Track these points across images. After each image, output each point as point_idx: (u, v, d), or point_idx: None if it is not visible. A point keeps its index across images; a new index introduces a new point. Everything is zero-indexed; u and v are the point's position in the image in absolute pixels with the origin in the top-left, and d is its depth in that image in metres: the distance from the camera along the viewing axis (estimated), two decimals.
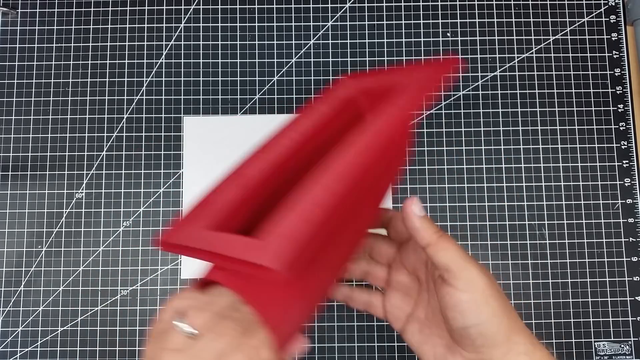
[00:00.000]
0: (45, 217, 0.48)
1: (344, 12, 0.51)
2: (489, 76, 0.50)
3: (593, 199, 0.48)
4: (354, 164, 0.26)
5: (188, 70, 0.50)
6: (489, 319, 0.28)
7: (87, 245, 0.47)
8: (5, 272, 0.47)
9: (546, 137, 0.49)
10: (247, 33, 0.50)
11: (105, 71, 0.50)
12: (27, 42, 0.50)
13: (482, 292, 0.28)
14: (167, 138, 0.49)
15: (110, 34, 0.50)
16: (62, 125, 0.49)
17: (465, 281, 0.28)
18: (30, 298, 0.47)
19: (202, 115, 0.49)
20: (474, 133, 0.49)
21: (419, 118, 0.49)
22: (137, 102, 0.49)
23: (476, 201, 0.48)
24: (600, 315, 0.46)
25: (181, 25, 0.50)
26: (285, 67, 0.50)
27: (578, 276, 0.47)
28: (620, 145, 0.49)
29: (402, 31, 0.50)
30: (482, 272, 0.29)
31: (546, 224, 0.48)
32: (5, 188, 0.48)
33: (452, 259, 0.29)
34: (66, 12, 0.51)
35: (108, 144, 0.49)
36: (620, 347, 0.46)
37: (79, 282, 0.47)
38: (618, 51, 0.50)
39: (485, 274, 0.29)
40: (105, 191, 0.48)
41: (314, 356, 0.45)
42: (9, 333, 0.46)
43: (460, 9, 0.51)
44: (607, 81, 0.50)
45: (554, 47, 0.50)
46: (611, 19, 0.51)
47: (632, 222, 0.48)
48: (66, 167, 0.48)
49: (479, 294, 0.28)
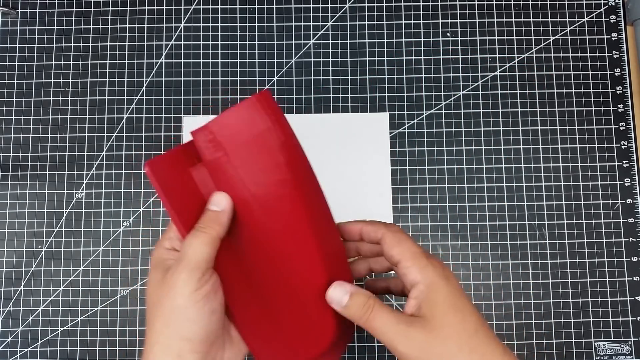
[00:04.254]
0: (45, 217, 0.48)
1: (344, 12, 0.51)
2: (489, 76, 0.50)
3: (593, 199, 0.48)
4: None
5: (188, 70, 0.50)
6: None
7: (87, 245, 0.47)
8: (5, 272, 0.47)
9: (546, 137, 0.49)
10: (247, 33, 0.50)
11: (105, 71, 0.50)
12: (27, 42, 0.50)
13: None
14: (167, 138, 0.49)
15: (110, 34, 0.50)
16: (62, 125, 0.49)
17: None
18: (30, 298, 0.47)
19: (202, 115, 0.49)
20: (474, 133, 0.49)
21: (419, 118, 0.49)
22: (137, 102, 0.49)
23: (476, 201, 0.48)
24: (600, 315, 0.46)
25: (181, 25, 0.50)
26: (285, 67, 0.50)
27: (578, 276, 0.47)
28: (620, 145, 0.49)
29: (402, 31, 0.50)
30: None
31: (546, 224, 0.48)
32: (5, 188, 0.48)
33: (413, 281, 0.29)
34: (66, 12, 0.51)
35: (108, 144, 0.49)
36: (620, 347, 0.46)
37: (79, 282, 0.47)
38: (618, 51, 0.50)
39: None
40: (105, 191, 0.48)
41: None
42: (9, 333, 0.46)
43: (460, 9, 0.51)
44: (607, 81, 0.50)
45: (554, 47, 0.50)
46: (611, 19, 0.51)
47: (632, 222, 0.48)
48: (66, 167, 0.48)
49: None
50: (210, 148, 0.28)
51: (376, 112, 0.49)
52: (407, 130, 0.49)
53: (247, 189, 0.28)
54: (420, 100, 0.49)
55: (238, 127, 0.28)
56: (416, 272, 0.29)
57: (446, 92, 0.49)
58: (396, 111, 0.49)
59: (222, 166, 0.28)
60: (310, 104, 0.49)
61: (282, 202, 0.28)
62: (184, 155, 0.29)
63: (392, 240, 0.30)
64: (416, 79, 0.50)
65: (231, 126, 0.28)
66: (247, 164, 0.28)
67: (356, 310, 0.29)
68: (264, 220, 0.29)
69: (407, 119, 0.49)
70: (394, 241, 0.30)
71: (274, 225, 0.29)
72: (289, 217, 0.28)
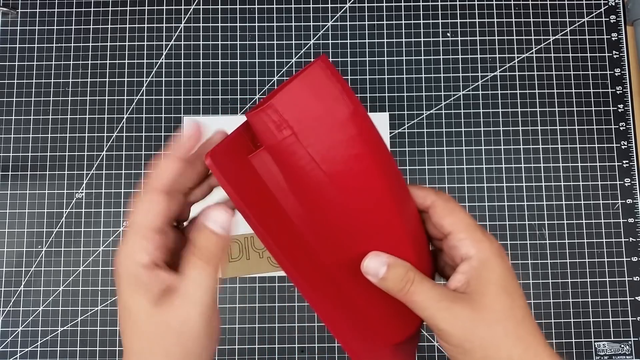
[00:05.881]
0: (45, 217, 0.48)
1: (344, 12, 0.51)
2: (489, 76, 0.50)
3: (593, 199, 0.48)
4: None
5: (188, 70, 0.50)
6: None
7: (87, 245, 0.47)
8: (5, 272, 0.47)
9: (546, 137, 0.49)
10: (247, 33, 0.50)
11: (105, 71, 0.50)
12: (27, 42, 0.50)
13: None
14: (167, 138, 0.49)
15: (110, 34, 0.50)
16: (62, 125, 0.49)
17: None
18: (30, 298, 0.47)
19: (202, 115, 0.49)
20: (474, 133, 0.49)
21: (419, 118, 0.49)
22: (137, 102, 0.49)
23: (476, 201, 0.48)
24: (600, 315, 0.46)
25: (181, 25, 0.50)
26: (285, 67, 0.50)
27: (578, 276, 0.47)
28: (620, 145, 0.49)
29: (402, 31, 0.50)
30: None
31: (546, 224, 0.48)
32: (5, 188, 0.48)
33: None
34: (66, 12, 0.51)
35: (108, 144, 0.49)
36: (620, 347, 0.46)
37: (79, 282, 0.47)
38: (618, 51, 0.50)
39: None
40: (105, 191, 0.48)
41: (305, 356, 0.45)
42: (9, 333, 0.46)
43: (460, 9, 0.51)
44: (607, 81, 0.50)
45: (554, 47, 0.50)
46: (611, 19, 0.51)
47: (632, 222, 0.48)
48: (66, 167, 0.48)
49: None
50: (274, 130, 0.24)
51: (376, 112, 0.49)
52: (407, 130, 0.49)
53: (320, 169, 0.25)
54: (420, 100, 0.49)
55: (305, 100, 0.24)
56: (470, 245, 0.26)
57: (446, 92, 0.49)
58: (396, 111, 0.49)
59: (290, 148, 0.24)
60: None
61: (362, 179, 0.25)
62: (238, 143, 0.26)
63: (444, 210, 0.27)
64: (416, 79, 0.50)
65: (297, 101, 0.24)
66: (318, 141, 0.24)
67: (395, 283, 0.26)
68: (342, 201, 0.26)
69: (407, 119, 0.49)
70: (446, 210, 0.27)
71: (354, 205, 0.26)
72: (370, 195, 0.25)
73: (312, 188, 0.25)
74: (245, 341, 0.46)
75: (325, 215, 0.26)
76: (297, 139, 0.24)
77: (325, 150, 0.24)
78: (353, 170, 0.25)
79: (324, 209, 0.26)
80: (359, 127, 0.25)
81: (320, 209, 0.26)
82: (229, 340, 0.46)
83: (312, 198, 0.26)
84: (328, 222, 0.26)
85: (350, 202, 0.25)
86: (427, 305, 0.25)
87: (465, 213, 0.27)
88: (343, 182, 0.25)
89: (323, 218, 0.26)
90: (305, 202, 0.26)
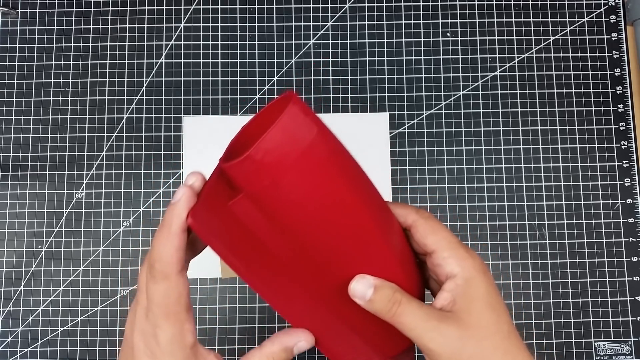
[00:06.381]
0: (45, 217, 0.48)
1: (344, 12, 0.51)
2: (489, 76, 0.50)
3: (593, 199, 0.48)
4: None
5: (188, 70, 0.50)
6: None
7: (87, 245, 0.47)
8: (5, 272, 0.47)
9: (546, 137, 0.49)
10: (247, 33, 0.50)
11: (105, 71, 0.50)
12: (27, 42, 0.50)
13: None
14: (167, 138, 0.49)
15: (110, 34, 0.50)
16: (62, 125, 0.49)
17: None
18: (30, 298, 0.47)
19: (202, 115, 0.49)
20: (474, 133, 0.49)
21: (419, 118, 0.49)
22: (137, 102, 0.49)
23: (476, 201, 0.48)
24: (600, 315, 0.46)
25: (181, 25, 0.50)
26: (285, 67, 0.50)
27: (578, 276, 0.47)
28: (620, 145, 0.49)
29: (402, 31, 0.50)
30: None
31: (546, 224, 0.48)
32: (5, 188, 0.48)
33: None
34: (66, 12, 0.51)
35: (108, 144, 0.49)
36: (620, 347, 0.46)
37: (79, 282, 0.47)
38: (618, 51, 0.50)
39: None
40: (105, 191, 0.48)
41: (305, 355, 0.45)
42: (9, 333, 0.46)
43: (460, 9, 0.51)
44: (607, 81, 0.50)
45: (554, 47, 0.50)
46: (611, 19, 0.51)
47: (632, 222, 0.48)
48: (66, 167, 0.48)
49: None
50: (253, 179, 0.24)
51: (376, 112, 0.49)
52: (407, 130, 0.49)
53: (302, 210, 0.25)
54: (420, 100, 0.49)
55: (281, 146, 0.23)
56: (454, 263, 0.27)
57: (446, 92, 0.49)
58: (396, 111, 0.49)
59: (270, 194, 0.24)
60: (310, 104, 0.49)
61: (344, 215, 0.25)
62: (215, 190, 0.26)
63: (427, 228, 0.28)
64: (416, 79, 0.50)
65: (274, 148, 0.23)
66: (298, 184, 0.24)
67: (382, 305, 0.26)
68: (327, 234, 0.26)
69: (407, 119, 0.49)
70: (428, 229, 0.28)
71: (339, 235, 0.26)
72: (354, 223, 0.26)
73: (295, 226, 0.25)
74: (245, 341, 0.46)
75: (311, 249, 0.26)
76: (277, 186, 0.24)
77: (307, 193, 0.24)
78: (336, 207, 0.25)
79: (309, 243, 0.26)
80: (339, 164, 0.25)
81: (306, 244, 0.26)
82: (229, 340, 0.46)
83: (296, 235, 0.26)
84: (315, 254, 0.27)
85: (335, 233, 0.26)
86: (414, 325, 0.26)
87: (447, 231, 0.28)
88: (326, 216, 0.25)
89: (310, 251, 0.26)
90: (291, 240, 0.26)
